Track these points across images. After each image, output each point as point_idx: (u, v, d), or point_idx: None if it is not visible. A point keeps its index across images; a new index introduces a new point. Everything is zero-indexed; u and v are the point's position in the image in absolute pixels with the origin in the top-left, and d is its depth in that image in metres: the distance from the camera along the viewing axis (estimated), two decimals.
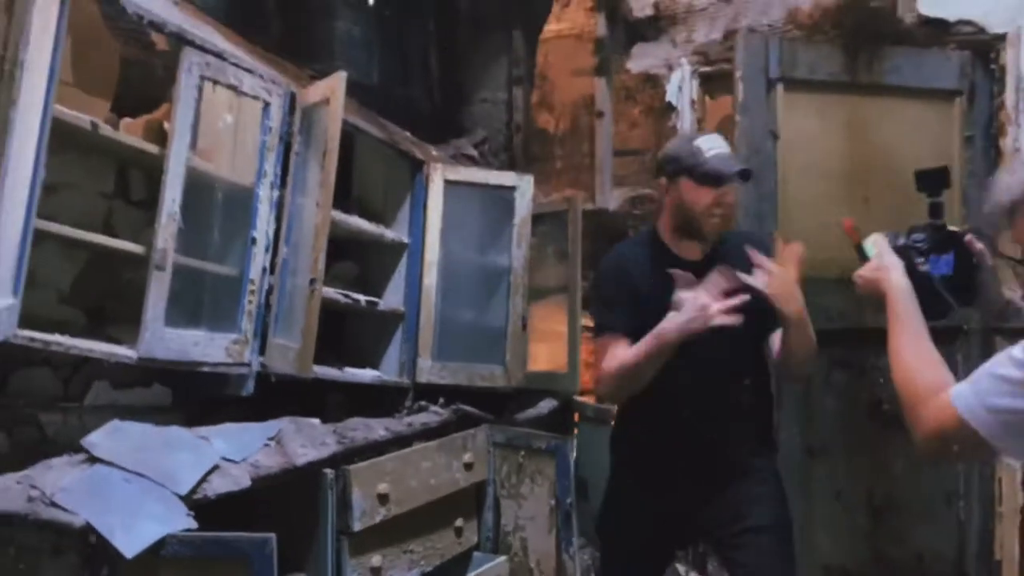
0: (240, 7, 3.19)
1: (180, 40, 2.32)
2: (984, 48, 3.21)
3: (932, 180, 1.79)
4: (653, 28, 3.77)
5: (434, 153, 3.66)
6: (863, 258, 1.74)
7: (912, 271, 1.64)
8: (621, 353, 2.18)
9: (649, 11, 3.72)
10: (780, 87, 2.97)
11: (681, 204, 2.22)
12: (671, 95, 3.68)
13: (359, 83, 3.68)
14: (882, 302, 1.59)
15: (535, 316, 3.66)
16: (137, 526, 1.89)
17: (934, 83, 3.13)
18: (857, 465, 3.10)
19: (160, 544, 1.90)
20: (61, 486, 1.94)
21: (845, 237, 1.82)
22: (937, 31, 3.24)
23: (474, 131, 4.20)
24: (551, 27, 4.12)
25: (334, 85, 2.50)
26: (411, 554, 2.82)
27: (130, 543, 1.85)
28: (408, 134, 3.54)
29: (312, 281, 2.47)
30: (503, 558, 3.16)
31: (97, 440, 2.14)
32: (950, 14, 3.22)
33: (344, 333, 3.35)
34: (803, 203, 2.96)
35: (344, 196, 3.33)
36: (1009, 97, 3.15)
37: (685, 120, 3.64)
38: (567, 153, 4.13)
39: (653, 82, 3.76)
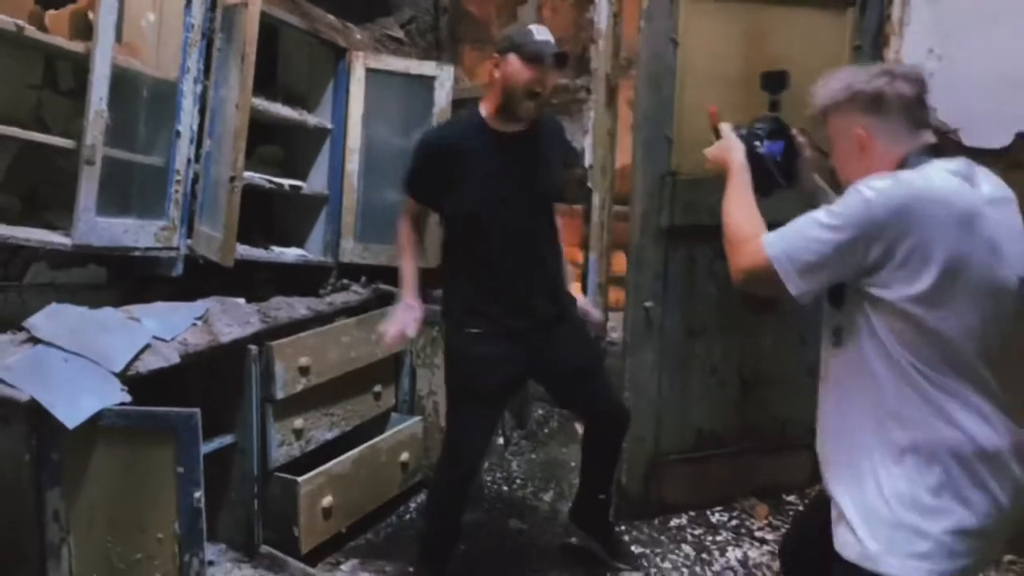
0: None
1: None
2: None
3: (774, 81, 2.17)
4: None
5: (358, 37, 3.76)
6: (717, 139, 2.10)
7: (751, 152, 1.99)
8: (405, 224, 2.69)
9: None
10: None
11: (506, 79, 2.48)
12: None
13: None
14: (724, 174, 1.97)
15: None
16: (77, 400, 2.17)
17: None
18: (731, 344, 3.44)
19: (98, 416, 2.18)
20: (6, 364, 2.20)
21: (708, 121, 2.18)
22: None
23: (401, 9, 4.28)
24: None
25: None
26: (331, 416, 3.16)
27: (71, 415, 2.13)
28: (332, 19, 3.63)
29: (232, 179, 2.66)
30: (418, 418, 3.53)
31: (37, 322, 2.38)
32: None
33: (272, 213, 3.55)
34: (699, 108, 3.14)
35: (270, 82, 3.47)
36: (895, 11, 3.33)
37: (602, 11, 3.73)
38: (492, 36, 4.24)
39: None
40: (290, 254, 3.40)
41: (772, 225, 1.79)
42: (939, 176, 1.59)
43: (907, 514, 1.57)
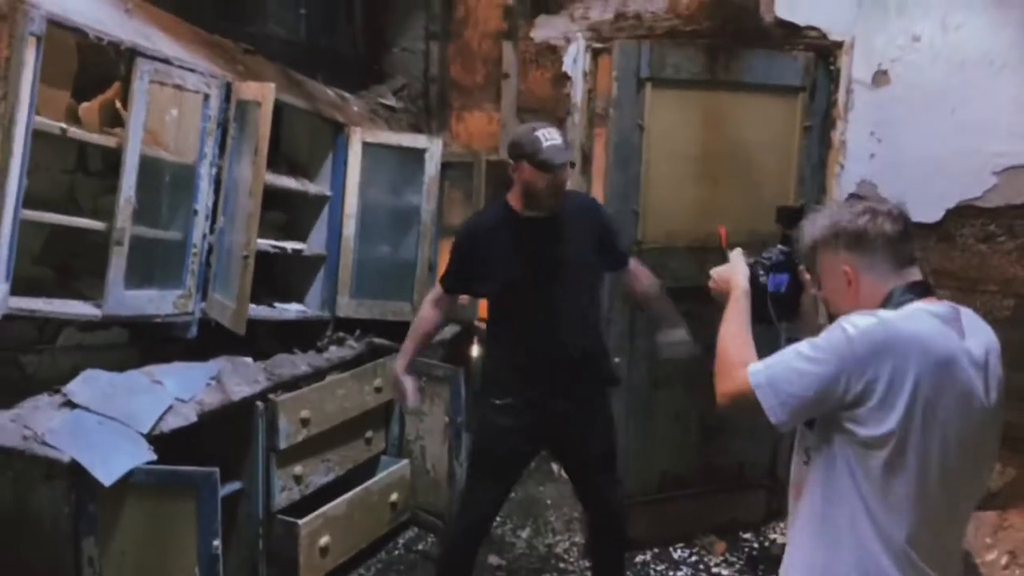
0: None
1: (133, 53, 2.73)
2: (825, 52, 3.72)
3: (790, 215, 2.13)
4: (555, 1, 4.20)
5: (355, 109, 4.10)
6: (724, 260, 2.13)
7: (754, 280, 1.99)
8: (431, 309, 2.97)
9: None
10: (649, 86, 3.46)
11: (524, 183, 2.76)
12: (567, 66, 4.13)
13: (288, 40, 4.09)
14: (725, 297, 1.96)
15: (444, 251, 4.21)
16: (111, 460, 2.47)
17: (782, 80, 3.64)
18: (693, 394, 3.77)
19: (129, 474, 2.49)
20: (49, 427, 2.51)
21: (718, 240, 2.31)
22: (790, 32, 3.75)
23: (394, 77, 4.63)
24: None
25: (265, 92, 2.95)
26: (328, 462, 3.48)
27: (107, 474, 2.43)
28: (332, 95, 3.98)
29: (245, 257, 2.98)
30: (405, 461, 3.86)
31: (75, 388, 2.69)
32: (800, 19, 3.72)
33: (274, 272, 3.87)
34: (663, 184, 3.50)
35: (274, 154, 3.79)
36: (841, 96, 3.70)
37: (577, 89, 4.10)
38: (481, 103, 4.60)
39: (553, 51, 4.22)
40: (291, 310, 3.72)
41: None
42: (921, 319, 1.63)
43: None
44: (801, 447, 1.82)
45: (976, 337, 1.67)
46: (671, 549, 3.77)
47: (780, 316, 2.04)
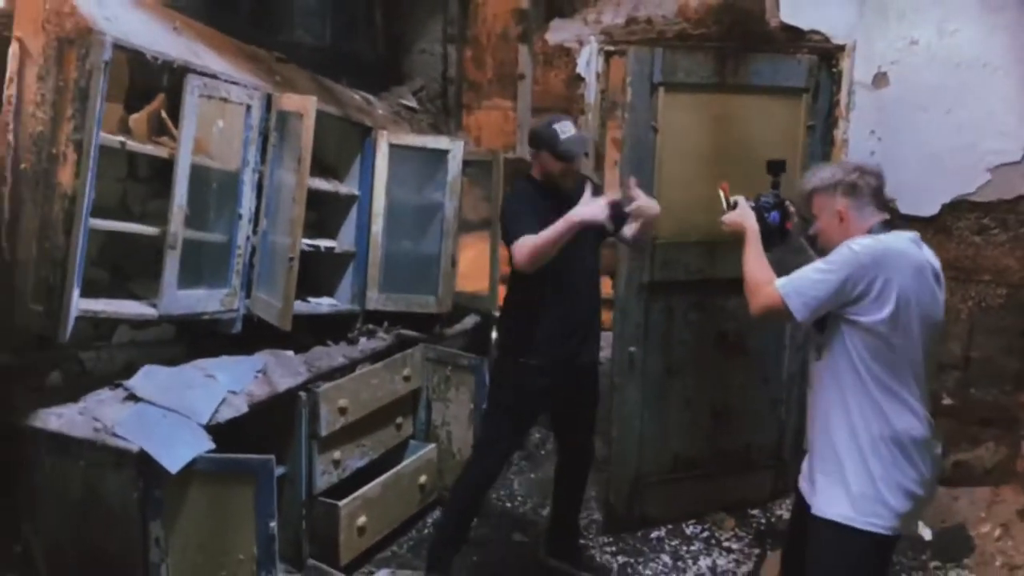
0: None
1: (185, 70, 2.93)
2: (828, 54, 3.91)
3: (777, 166, 2.79)
4: (569, 6, 4.39)
5: (380, 112, 4.30)
6: (731, 209, 2.68)
7: (761, 220, 2.61)
8: (532, 239, 2.96)
9: None
10: (661, 90, 3.66)
11: (545, 168, 3.17)
12: (581, 67, 4.32)
13: (315, 46, 4.28)
14: (740, 237, 2.56)
15: (463, 245, 4.43)
16: (175, 450, 2.69)
17: (787, 83, 3.83)
18: (704, 381, 3.99)
19: (192, 462, 2.71)
20: (117, 420, 2.73)
21: (719, 196, 2.75)
22: (794, 36, 3.94)
23: (413, 78, 4.82)
24: None
25: (307, 105, 3.14)
26: (362, 447, 3.70)
27: (173, 463, 2.65)
28: (359, 99, 4.17)
29: (291, 259, 3.19)
30: (432, 445, 4.08)
31: (136, 383, 2.91)
32: (804, 24, 3.92)
33: (307, 267, 4.06)
34: (675, 183, 3.70)
35: None
36: (843, 97, 3.90)
37: (591, 90, 4.29)
38: (491, 97, 4.80)
39: (567, 53, 4.41)
40: (324, 304, 3.93)
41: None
42: (902, 239, 2.27)
43: (865, 485, 2.24)
44: (813, 347, 2.44)
45: (930, 254, 2.30)
46: (684, 526, 4.01)
47: (780, 241, 2.66)
